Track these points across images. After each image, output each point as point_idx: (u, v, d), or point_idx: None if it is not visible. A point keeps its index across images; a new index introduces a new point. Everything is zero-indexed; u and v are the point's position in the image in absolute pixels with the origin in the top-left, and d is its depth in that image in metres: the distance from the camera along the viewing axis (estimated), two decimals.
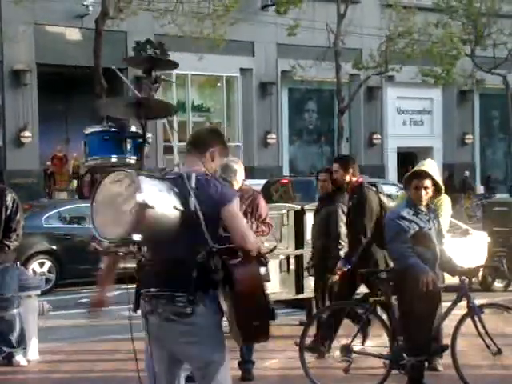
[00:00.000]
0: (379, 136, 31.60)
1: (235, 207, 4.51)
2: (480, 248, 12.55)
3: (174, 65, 8.29)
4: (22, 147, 24.62)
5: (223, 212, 4.44)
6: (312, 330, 7.58)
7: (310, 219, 10.17)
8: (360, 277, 7.67)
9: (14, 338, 8.46)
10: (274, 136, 29.28)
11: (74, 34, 25.34)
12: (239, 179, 7.72)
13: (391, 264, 7.70)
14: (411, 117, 33.07)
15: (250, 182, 10.50)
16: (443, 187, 7.42)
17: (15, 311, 8.44)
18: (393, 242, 7.21)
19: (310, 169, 28.75)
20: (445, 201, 8.17)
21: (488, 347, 7.09)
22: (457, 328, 7.12)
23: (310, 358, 7.51)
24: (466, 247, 12.25)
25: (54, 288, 15.24)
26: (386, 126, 32.06)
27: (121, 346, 8.74)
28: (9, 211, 8.31)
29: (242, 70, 28.79)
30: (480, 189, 32.17)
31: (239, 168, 7.75)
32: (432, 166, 7.60)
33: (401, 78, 29.44)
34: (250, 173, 22.53)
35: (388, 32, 27.84)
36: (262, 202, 7.91)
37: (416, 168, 7.71)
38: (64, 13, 24.48)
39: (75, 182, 25.96)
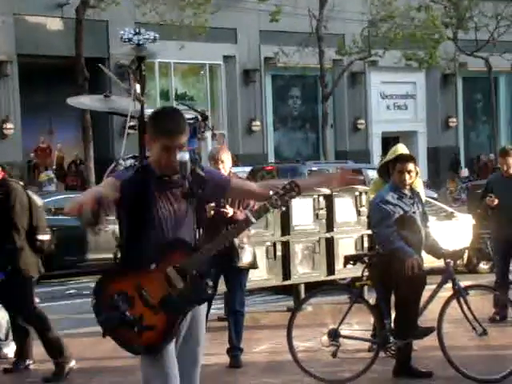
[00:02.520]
0: (363, 121, 31.65)
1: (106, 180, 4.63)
2: (465, 230, 12.61)
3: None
4: (4, 139, 24.52)
5: None
6: (299, 316, 7.61)
7: (295, 205, 10.20)
8: (344, 261, 7.70)
9: (0, 331, 8.45)
10: (258, 123, 29.28)
11: (54, 24, 25.21)
12: (227, 168, 7.78)
13: None
14: (395, 101, 33.13)
15: (235, 169, 10.52)
16: (419, 171, 7.50)
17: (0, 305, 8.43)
18: (378, 226, 7.26)
19: (296, 155, 28.80)
20: (420, 183, 8.24)
21: (474, 328, 7.15)
22: (442, 310, 7.17)
23: (297, 343, 7.55)
24: (451, 230, 12.31)
25: (41, 280, 15.19)
26: (370, 111, 32.11)
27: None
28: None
29: (224, 57, 28.74)
30: (464, 172, 32.29)
31: (227, 156, 7.82)
32: (406, 150, 7.79)
33: (384, 62, 29.47)
34: (235, 161, 22.52)
35: (370, 17, 27.86)
36: None
37: (397, 152, 7.78)
38: (44, 2, 24.35)
39: (51, 174, 25.81)
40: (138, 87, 7.50)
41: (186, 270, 4.41)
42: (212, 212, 7.38)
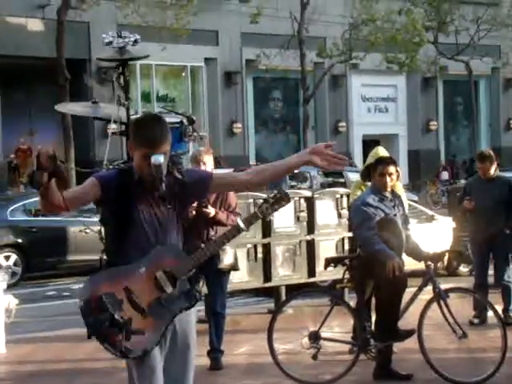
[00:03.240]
0: (344, 124, 31.72)
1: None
2: (445, 233, 12.65)
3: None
4: None
5: None
6: (280, 318, 7.60)
7: None
8: (325, 263, 7.71)
9: None
10: (239, 125, 29.29)
11: (35, 25, 25.11)
12: (209, 169, 7.76)
13: None
14: (376, 104, 33.23)
15: (216, 171, 10.52)
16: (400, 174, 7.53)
17: None
18: (359, 229, 7.27)
19: (277, 158, 28.79)
20: (400, 186, 8.26)
21: (454, 331, 7.17)
22: (423, 312, 7.18)
23: (278, 345, 7.55)
24: (431, 233, 12.34)
25: (21, 281, 15.14)
26: (351, 114, 32.19)
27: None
28: None
29: (206, 59, 28.73)
30: (444, 175, 32.42)
31: (209, 158, 7.84)
32: (386, 153, 7.82)
33: (365, 65, 29.56)
34: (216, 162, 22.49)
35: (351, 20, 27.93)
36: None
37: (380, 155, 7.81)
38: (25, 3, 24.25)
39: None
40: (121, 92, 7.47)
41: (176, 276, 4.41)
42: (194, 212, 7.37)
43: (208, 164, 7.79)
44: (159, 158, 4.36)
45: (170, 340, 4.52)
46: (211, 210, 7.56)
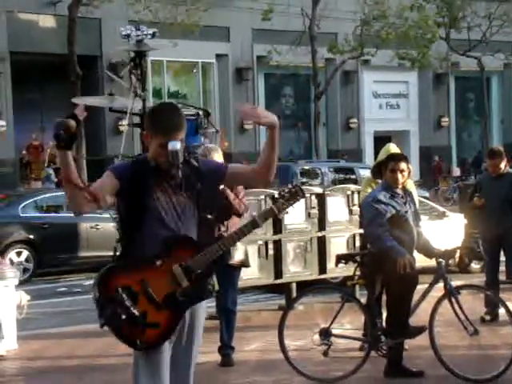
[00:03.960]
0: (356, 120, 31.69)
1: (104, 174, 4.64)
2: (457, 230, 12.62)
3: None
4: None
5: None
6: (291, 315, 7.60)
7: None
8: (336, 260, 7.70)
9: None
10: (250, 122, 29.25)
11: (47, 21, 25.17)
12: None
13: None
14: (387, 100, 33.18)
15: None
16: (412, 170, 7.52)
17: None
18: (370, 226, 7.26)
19: (288, 154, 28.82)
20: (411, 183, 8.24)
21: (465, 328, 7.15)
22: (434, 309, 7.17)
23: (289, 342, 7.55)
24: (442, 229, 12.32)
25: (32, 277, 15.19)
26: (363, 110, 32.16)
27: (100, 333, 8.74)
28: None
29: (217, 55, 28.74)
30: (456, 171, 32.36)
31: (217, 155, 7.86)
32: (397, 150, 7.81)
33: (376, 61, 29.51)
34: (227, 158, 22.52)
35: (363, 16, 27.87)
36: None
37: (391, 151, 7.80)
38: (37, 0, 24.31)
39: (50, 171, 25.90)
40: (138, 84, 7.50)
41: (192, 269, 4.42)
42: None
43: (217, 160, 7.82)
44: (176, 145, 4.37)
45: (178, 331, 4.53)
46: (229, 194, 7.56)
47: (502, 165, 9.52)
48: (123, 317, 4.33)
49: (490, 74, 34.38)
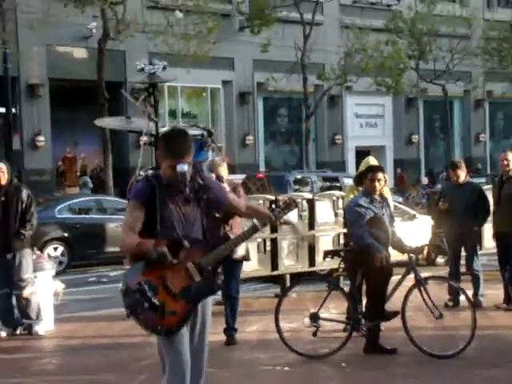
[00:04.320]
0: (340, 137, 31.64)
1: (129, 203, 4.62)
2: (425, 230, 12.62)
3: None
4: (37, 150, 24.44)
5: None
6: (285, 301, 7.59)
7: None
8: (323, 255, 7.69)
9: (32, 312, 8.44)
10: (251, 137, 29.24)
11: (80, 53, 25.15)
12: (224, 174, 7.83)
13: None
14: (367, 120, 33.14)
15: (231, 176, 10.51)
16: (388, 179, 7.53)
17: (32, 289, 8.42)
18: (352, 226, 7.26)
19: (283, 165, 28.81)
20: (387, 190, 8.24)
21: (432, 312, 7.15)
22: (406, 297, 7.17)
23: (283, 324, 7.54)
24: (413, 229, 12.32)
25: (67, 269, 15.18)
26: (346, 129, 32.11)
27: (125, 317, 8.73)
28: (24, 205, 8.32)
29: (223, 82, 28.72)
30: (424, 180, 32.32)
31: (223, 170, 7.85)
32: (376, 162, 7.83)
33: (358, 87, 29.49)
34: (231, 169, 22.50)
35: (346, 49, 27.90)
36: (241, 190, 7.94)
37: (370, 163, 7.80)
38: (71, 35, 24.29)
39: (87, 178, 26.02)
40: (151, 110, 7.49)
41: (203, 266, 4.44)
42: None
43: (224, 175, 7.82)
44: (184, 167, 4.39)
45: (197, 322, 4.54)
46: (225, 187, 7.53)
47: (463, 175, 9.53)
48: (146, 305, 4.33)
49: (453, 98, 34.34)
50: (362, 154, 30.85)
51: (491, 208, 9.47)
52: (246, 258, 8.06)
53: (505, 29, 31.21)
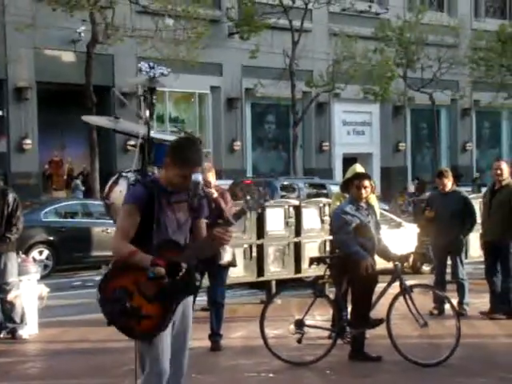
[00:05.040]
0: (327, 144, 31.68)
1: (124, 207, 4.50)
2: (411, 238, 12.65)
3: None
4: (23, 153, 24.33)
5: None
6: (270, 308, 7.59)
7: (269, 214, 10.21)
8: (309, 262, 7.70)
9: (16, 315, 8.39)
10: (239, 143, 29.24)
11: (68, 57, 25.07)
12: (212, 180, 7.81)
13: None
14: (354, 128, 33.21)
15: (218, 182, 10.48)
16: (374, 187, 7.54)
17: (17, 293, 8.37)
18: (338, 233, 7.27)
19: (270, 171, 28.82)
20: (373, 198, 8.26)
21: (417, 320, 7.16)
22: (391, 305, 7.18)
23: (268, 331, 7.53)
24: (399, 237, 12.34)
25: (52, 273, 15.10)
26: (334, 136, 32.17)
27: None
28: (10, 208, 8.27)
29: (212, 87, 28.71)
30: (411, 188, 32.40)
31: (211, 175, 7.81)
32: (362, 169, 7.85)
33: (346, 95, 29.57)
34: (219, 174, 22.48)
35: (334, 56, 27.97)
36: (228, 196, 7.91)
37: (357, 171, 7.81)
38: (60, 38, 24.21)
39: (78, 181, 25.96)
40: (147, 113, 7.47)
41: (179, 263, 4.36)
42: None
43: (211, 181, 7.80)
44: (198, 177, 4.38)
45: (176, 324, 4.52)
46: (214, 192, 7.52)
47: (449, 184, 9.56)
48: (122, 312, 4.31)
49: (440, 107, 34.46)
50: (349, 161, 30.91)
51: (478, 217, 9.50)
52: (232, 263, 8.05)
53: (492, 39, 31.40)
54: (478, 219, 9.84)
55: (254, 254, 10.27)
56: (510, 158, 34.05)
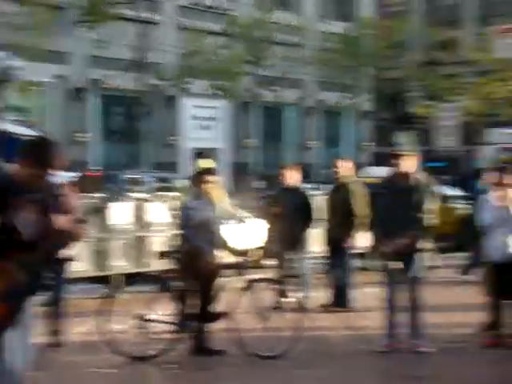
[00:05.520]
0: (176, 138, 31.68)
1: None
2: (258, 232, 12.84)
3: None
4: None
5: None
6: (114, 302, 7.44)
7: (115, 208, 10.04)
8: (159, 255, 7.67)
9: None
10: (84, 134, 28.62)
11: None
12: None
13: None
14: (202, 122, 33.39)
15: (64, 174, 10.16)
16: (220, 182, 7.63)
17: None
18: (183, 228, 7.27)
19: (117, 165, 28.40)
20: (221, 193, 8.34)
21: (260, 314, 7.29)
22: (235, 298, 7.26)
23: (112, 326, 7.39)
24: (246, 231, 12.52)
25: None
26: (183, 130, 32.19)
27: None
28: None
29: (57, 76, 27.91)
30: (258, 184, 32.98)
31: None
32: (208, 164, 7.92)
33: (195, 89, 29.68)
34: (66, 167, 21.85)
35: (183, 50, 28.01)
36: (67, 189, 7.65)
37: (200, 166, 7.86)
38: None
39: None
40: None
41: (26, 266, 4.27)
42: None
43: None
44: (55, 178, 4.46)
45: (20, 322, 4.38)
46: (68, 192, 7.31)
47: (292, 180, 9.79)
48: None
49: (286, 105, 35.35)
50: (196, 155, 31.06)
51: (314, 213, 9.81)
52: (72, 258, 7.86)
53: (337, 41, 32.55)
54: (321, 216, 10.15)
55: (99, 248, 10.09)
56: (352, 156, 35.46)
